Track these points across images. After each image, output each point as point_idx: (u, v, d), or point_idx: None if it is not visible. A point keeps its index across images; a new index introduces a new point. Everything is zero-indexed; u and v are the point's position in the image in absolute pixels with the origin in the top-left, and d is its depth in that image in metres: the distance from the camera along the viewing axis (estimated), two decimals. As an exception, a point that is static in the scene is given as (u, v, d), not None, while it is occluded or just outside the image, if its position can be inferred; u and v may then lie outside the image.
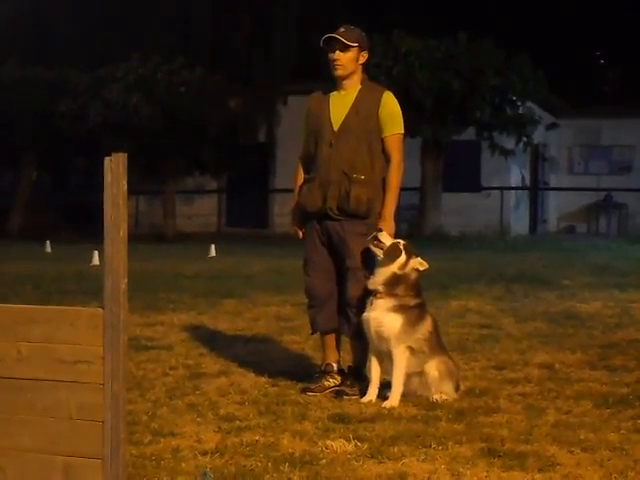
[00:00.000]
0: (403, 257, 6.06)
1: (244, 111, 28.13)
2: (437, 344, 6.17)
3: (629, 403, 5.84)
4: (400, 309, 6.01)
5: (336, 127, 6.33)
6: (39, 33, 29.80)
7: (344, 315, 6.34)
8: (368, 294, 6.14)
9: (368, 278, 6.14)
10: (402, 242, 6.13)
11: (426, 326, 6.09)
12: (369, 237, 6.13)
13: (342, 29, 6.36)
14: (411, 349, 6.02)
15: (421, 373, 6.05)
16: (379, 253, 6.08)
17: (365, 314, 6.11)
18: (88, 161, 29.85)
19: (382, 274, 6.05)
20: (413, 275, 6.09)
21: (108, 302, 3.36)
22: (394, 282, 6.03)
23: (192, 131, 26.56)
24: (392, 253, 6.05)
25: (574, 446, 4.88)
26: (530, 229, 30.37)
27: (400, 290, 6.04)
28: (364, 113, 6.30)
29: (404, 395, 5.98)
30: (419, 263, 6.11)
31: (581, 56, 38.23)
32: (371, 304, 6.09)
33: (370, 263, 6.20)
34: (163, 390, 6.31)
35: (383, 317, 6.02)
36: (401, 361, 6.00)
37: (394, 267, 6.04)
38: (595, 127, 32.15)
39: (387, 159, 6.32)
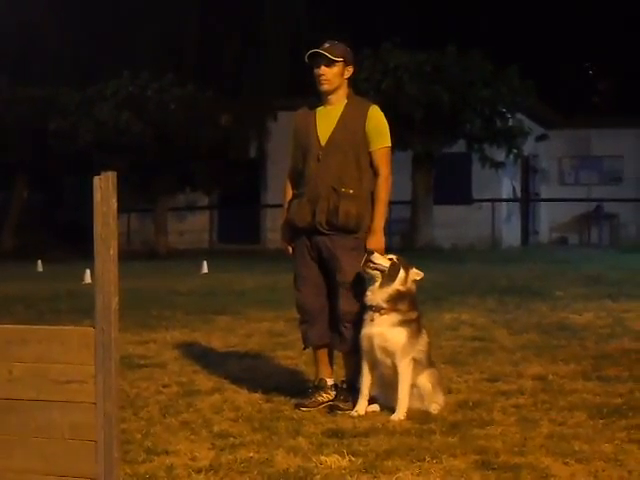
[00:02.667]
0: (402, 272, 6.08)
1: (234, 127, 28.14)
2: (430, 356, 6.23)
3: (623, 413, 5.83)
4: (403, 323, 6.04)
5: (323, 142, 6.34)
6: (28, 52, 29.81)
7: (337, 330, 6.33)
8: (364, 310, 6.13)
9: (364, 295, 6.12)
10: (395, 257, 6.15)
11: (424, 338, 6.17)
12: (361, 263, 6.09)
13: (327, 44, 6.39)
14: (414, 360, 6.05)
15: (414, 385, 6.06)
16: (377, 275, 6.06)
17: (366, 330, 6.09)
18: (80, 179, 29.82)
19: (384, 292, 6.04)
20: (413, 288, 6.14)
21: (99, 321, 3.36)
22: (397, 298, 6.05)
23: (183, 148, 26.57)
24: (393, 272, 6.06)
25: (568, 457, 4.88)
26: (522, 241, 30.39)
27: (402, 305, 6.06)
28: (351, 127, 6.31)
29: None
30: (416, 274, 6.16)
31: (570, 67, 38.36)
32: (372, 320, 6.08)
33: (362, 281, 6.19)
34: (156, 408, 6.30)
35: (388, 332, 6.03)
36: (407, 374, 6.02)
37: (397, 284, 6.05)
38: (585, 138, 32.22)
39: (375, 173, 6.33)
